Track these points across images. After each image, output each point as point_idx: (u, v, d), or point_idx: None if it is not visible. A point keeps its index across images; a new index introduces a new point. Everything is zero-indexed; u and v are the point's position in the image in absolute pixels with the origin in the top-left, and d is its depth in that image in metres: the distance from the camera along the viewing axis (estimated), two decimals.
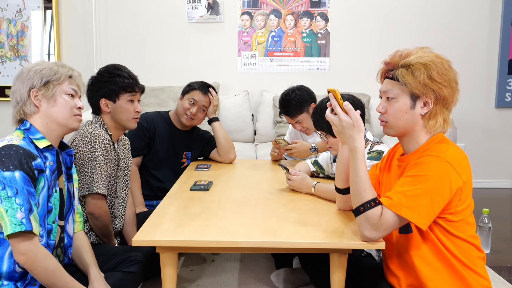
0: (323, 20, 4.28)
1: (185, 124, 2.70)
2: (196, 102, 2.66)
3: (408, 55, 1.46)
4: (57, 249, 1.60)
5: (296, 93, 2.72)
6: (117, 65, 2.15)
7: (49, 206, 1.54)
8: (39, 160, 1.48)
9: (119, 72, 2.08)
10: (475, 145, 4.36)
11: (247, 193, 2.09)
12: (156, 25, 4.27)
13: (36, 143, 1.52)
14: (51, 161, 1.56)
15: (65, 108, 1.58)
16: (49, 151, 1.56)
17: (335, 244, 1.49)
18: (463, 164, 1.42)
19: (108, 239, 2.05)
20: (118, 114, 2.07)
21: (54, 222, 1.56)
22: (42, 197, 1.50)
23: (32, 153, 1.46)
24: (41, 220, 1.49)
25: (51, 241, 1.55)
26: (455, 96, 1.47)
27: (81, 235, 1.75)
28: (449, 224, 1.44)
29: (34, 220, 1.41)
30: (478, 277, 1.47)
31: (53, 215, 1.56)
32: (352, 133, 1.46)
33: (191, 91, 2.69)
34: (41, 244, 1.46)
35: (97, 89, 2.08)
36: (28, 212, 1.39)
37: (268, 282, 2.28)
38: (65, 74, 1.60)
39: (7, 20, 4.20)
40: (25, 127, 1.54)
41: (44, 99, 1.55)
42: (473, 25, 4.30)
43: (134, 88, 2.09)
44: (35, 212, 1.43)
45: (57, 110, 1.57)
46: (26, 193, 1.40)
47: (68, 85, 1.60)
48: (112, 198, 2.11)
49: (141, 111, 2.15)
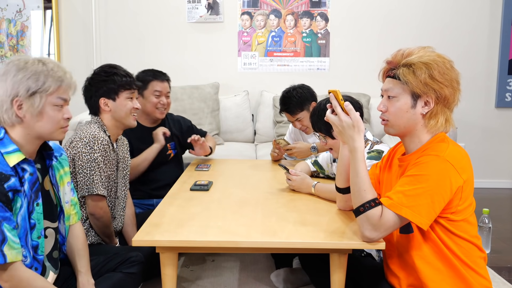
0: (323, 20, 4.28)
1: (161, 117, 2.67)
2: (161, 92, 2.62)
3: (410, 54, 1.46)
4: (53, 251, 1.56)
5: (297, 91, 2.76)
6: (112, 64, 2.15)
7: (31, 223, 1.44)
8: (13, 179, 1.36)
9: (116, 70, 2.09)
10: (475, 145, 4.36)
11: (247, 193, 2.08)
12: (156, 25, 4.27)
13: (6, 159, 1.37)
14: (30, 172, 1.44)
15: (51, 123, 1.44)
16: (26, 163, 1.44)
17: (335, 244, 1.49)
18: (463, 163, 1.41)
19: (109, 239, 2.06)
20: (118, 112, 2.07)
21: (39, 237, 1.47)
22: (21, 217, 1.40)
23: (3, 175, 1.34)
24: (23, 240, 1.41)
25: (39, 256, 1.47)
26: (456, 96, 1.47)
27: (76, 229, 1.69)
28: (450, 223, 1.44)
29: (9, 249, 1.33)
30: (479, 277, 1.47)
31: (37, 230, 1.46)
32: (352, 133, 1.46)
33: (148, 85, 2.60)
34: (26, 265, 1.41)
35: (95, 89, 2.08)
36: (0, 244, 1.31)
37: (268, 282, 2.28)
38: (55, 82, 1.42)
39: (7, 20, 4.20)
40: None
41: (29, 111, 1.40)
42: (473, 25, 4.30)
43: (132, 86, 2.10)
44: (11, 239, 1.33)
45: (42, 125, 1.43)
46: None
47: (57, 96, 1.43)
48: (112, 198, 2.11)
49: (139, 108, 2.15)
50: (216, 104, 4.06)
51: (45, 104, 1.42)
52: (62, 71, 1.46)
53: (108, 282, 1.67)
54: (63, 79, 1.45)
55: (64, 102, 1.47)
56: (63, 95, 1.46)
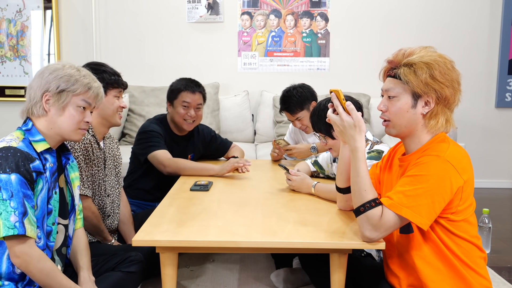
0: (323, 20, 4.28)
1: (189, 129, 2.63)
2: (189, 104, 2.56)
3: (411, 54, 1.46)
4: (62, 248, 1.61)
5: (297, 90, 2.76)
6: (99, 62, 2.15)
7: (49, 208, 1.53)
8: (38, 162, 1.47)
9: (104, 68, 2.09)
10: (475, 145, 4.36)
11: (247, 193, 2.08)
12: (156, 25, 4.27)
13: (34, 145, 1.50)
14: (51, 163, 1.54)
15: (71, 121, 1.55)
16: (48, 153, 1.55)
17: (335, 244, 1.49)
18: (464, 163, 1.41)
19: (102, 237, 2.06)
20: (105, 110, 2.05)
21: (54, 224, 1.55)
22: (41, 199, 1.49)
23: (30, 155, 1.45)
24: (39, 222, 1.48)
25: (50, 242, 1.54)
26: (457, 96, 1.46)
27: (80, 233, 1.74)
28: (451, 223, 1.43)
29: (28, 223, 1.40)
30: (479, 277, 1.46)
31: (52, 216, 1.55)
32: (354, 133, 1.46)
33: (179, 95, 2.58)
34: (39, 246, 1.46)
35: None
36: (22, 216, 1.39)
37: (268, 282, 2.28)
38: (84, 86, 1.56)
39: (7, 20, 4.20)
40: (27, 127, 1.53)
41: (54, 106, 1.53)
42: (473, 25, 4.30)
43: (120, 85, 2.10)
44: (30, 216, 1.41)
45: (63, 120, 1.55)
46: (22, 196, 1.40)
47: (82, 98, 1.56)
48: (102, 197, 2.10)
49: (126, 107, 2.14)
50: (216, 104, 4.06)
51: (69, 102, 1.54)
52: (92, 80, 1.61)
53: (108, 281, 1.68)
54: (91, 86, 1.59)
55: (87, 105, 1.58)
56: (88, 99, 1.58)
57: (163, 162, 2.44)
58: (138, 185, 2.61)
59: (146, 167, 2.56)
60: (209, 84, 4.08)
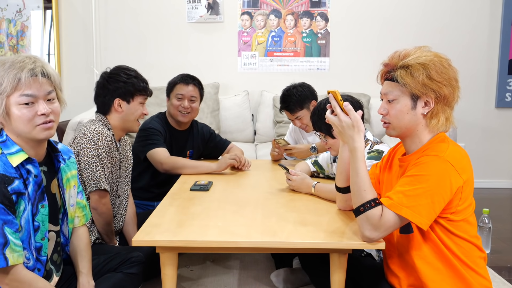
0: (323, 20, 4.28)
1: (184, 121, 2.67)
2: (183, 95, 2.62)
3: (406, 55, 1.46)
4: (53, 254, 1.55)
5: (297, 89, 2.77)
6: (129, 67, 2.17)
7: (35, 225, 1.43)
8: (17, 182, 1.35)
9: (135, 74, 2.13)
10: (475, 145, 4.36)
11: (247, 193, 2.08)
12: (156, 25, 4.27)
13: (10, 160, 1.36)
14: (35, 174, 1.42)
15: (21, 122, 1.37)
16: (30, 164, 1.42)
17: (335, 244, 1.49)
18: (463, 163, 1.41)
19: (109, 238, 2.06)
20: (129, 115, 2.10)
21: (43, 239, 1.47)
22: (25, 220, 1.39)
23: (7, 178, 1.33)
24: (26, 243, 1.40)
25: (42, 257, 1.48)
26: (456, 93, 1.47)
27: (81, 231, 1.69)
28: (450, 223, 1.44)
29: (11, 252, 1.32)
30: (479, 277, 1.47)
31: (40, 232, 1.45)
32: (352, 133, 1.46)
33: (174, 88, 2.66)
34: (29, 267, 1.40)
35: (113, 88, 2.09)
36: (2, 247, 1.30)
37: (268, 282, 2.28)
38: (12, 81, 1.34)
39: (7, 20, 4.20)
40: (2, 139, 1.40)
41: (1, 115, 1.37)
42: (473, 25, 4.30)
43: (147, 92, 2.15)
44: (13, 242, 1.33)
45: (16, 126, 1.38)
46: (1, 226, 1.30)
47: (18, 94, 1.36)
48: (113, 197, 2.11)
49: (148, 114, 2.19)
50: (216, 104, 4.06)
51: (8, 105, 1.36)
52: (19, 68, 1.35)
53: (109, 282, 1.67)
54: (20, 76, 1.35)
55: (31, 98, 1.37)
56: (26, 92, 1.36)
57: (160, 160, 2.46)
58: (136, 183, 2.62)
59: (145, 165, 2.58)
60: (209, 84, 4.08)
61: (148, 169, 2.58)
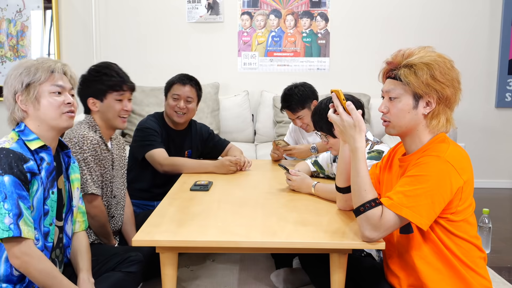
0: (323, 20, 4.28)
1: (179, 122, 2.65)
2: (179, 96, 2.60)
3: (410, 54, 1.46)
4: (55, 250, 1.59)
5: (299, 88, 2.77)
6: (108, 63, 2.12)
7: (45, 208, 1.52)
8: (32, 162, 1.46)
9: (107, 71, 2.06)
10: (475, 145, 4.36)
11: (247, 193, 2.08)
12: (156, 25, 4.27)
13: (28, 144, 1.48)
14: (48, 162, 1.53)
15: (51, 109, 1.53)
16: (45, 152, 1.53)
17: (335, 244, 1.49)
18: (463, 163, 1.41)
19: (107, 239, 2.05)
20: (105, 113, 2.05)
21: (51, 224, 1.54)
22: (37, 200, 1.48)
23: (23, 156, 1.44)
24: (36, 223, 1.47)
25: (48, 243, 1.53)
26: (457, 95, 1.47)
27: (81, 235, 1.73)
28: (450, 224, 1.44)
29: (24, 224, 1.39)
30: (479, 277, 1.47)
31: (49, 217, 1.53)
32: (353, 133, 1.46)
33: (171, 88, 2.64)
34: (37, 247, 1.45)
35: (85, 88, 2.07)
36: (16, 218, 1.38)
37: (268, 282, 2.28)
38: (46, 72, 1.52)
39: (7, 20, 4.20)
40: (20, 129, 1.52)
41: (28, 102, 1.51)
42: (473, 25, 4.30)
43: (122, 87, 2.05)
44: (26, 217, 1.40)
45: (44, 112, 1.52)
46: (16, 198, 1.39)
47: (50, 84, 1.53)
48: (108, 198, 2.10)
49: (130, 110, 2.12)
50: (216, 104, 4.06)
51: (40, 92, 1.52)
52: (52, 62, 1.56)
53: (108, 281, 1.68)
54: (54, 68, 1.54)
55: (61, 88, 1.55)
56: (57, 83, 1.54)
57: (159, 161, 2.46)
58: (135, 183, 2.62)
59: (143, 165, 2.57)
60: (209, 84, 4.08)
61: (147, 169, 2.57)
